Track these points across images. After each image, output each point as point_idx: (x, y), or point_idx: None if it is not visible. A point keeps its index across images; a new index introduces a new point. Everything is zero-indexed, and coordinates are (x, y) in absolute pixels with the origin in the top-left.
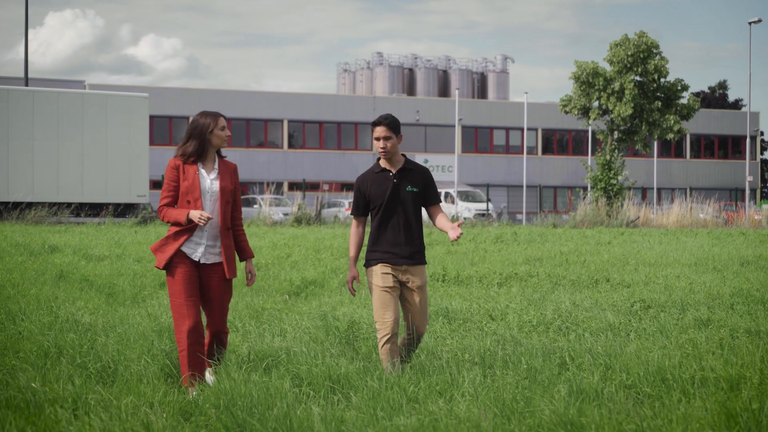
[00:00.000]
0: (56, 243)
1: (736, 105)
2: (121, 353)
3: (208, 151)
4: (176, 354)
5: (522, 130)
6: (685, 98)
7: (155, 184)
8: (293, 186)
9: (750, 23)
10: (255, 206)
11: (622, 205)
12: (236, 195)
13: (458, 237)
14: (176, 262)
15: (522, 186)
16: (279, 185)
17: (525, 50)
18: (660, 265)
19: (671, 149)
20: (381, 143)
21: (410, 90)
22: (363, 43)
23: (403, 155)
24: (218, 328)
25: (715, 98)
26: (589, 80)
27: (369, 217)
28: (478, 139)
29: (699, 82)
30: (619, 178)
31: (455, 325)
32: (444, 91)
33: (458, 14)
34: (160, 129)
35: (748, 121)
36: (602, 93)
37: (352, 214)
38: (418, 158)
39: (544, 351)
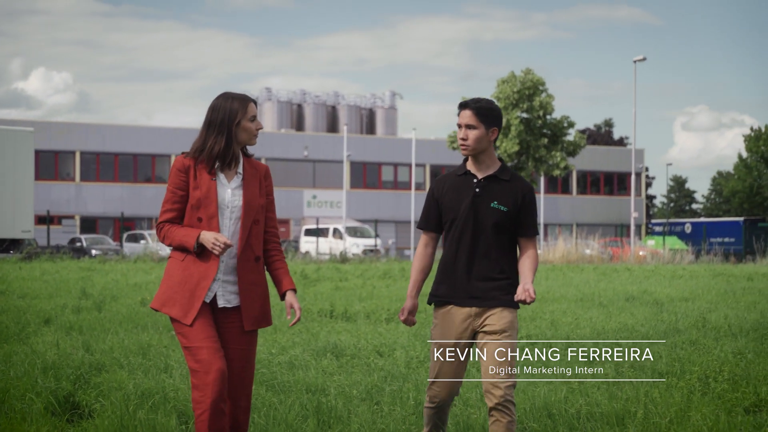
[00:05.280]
0: None
1: (622, 142)
2: (5, 391)
3: (233, 150)
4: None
5: (410, 166)
6: (571, 135)
7: (40, 220)
8: None
9: (635, 61)
10: (142, 241)
11: None
12: (270, 206)
13: (522, 300)
14: None
15: (410, 222)
16: None
17: (414, 87)
18: (546, 300)
19: (558, 185)
20: (462, 132)
21: (299, 125)
22: (253, 79)
23: (500, 159)
24: (235, 403)
25: (601, 135)
26: None
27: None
28: (366, 175)
29: (585, 119)
30: None
31: (343, 361)
32: (333, 126)
33: (348, 50)
34: (46, 164)
35: (633, 158)
36: None
37: (419, 227)
38: (306, 194)
39: None
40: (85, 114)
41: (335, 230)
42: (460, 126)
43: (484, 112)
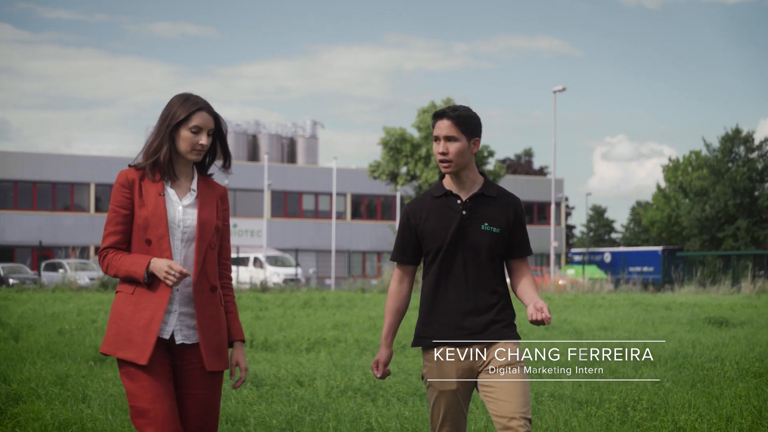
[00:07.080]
0: None
1: (542, 171)
2: None
3: (175, 160)
4: None
5: (331, 195)
6: (491, 164)
7: None
8: None
9: (555, 91)
10: (60, 270)
11: None
12: (225, 235)
13: (540, 320)
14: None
15: (331, 251)
16: (85, 249)
17: (336, 116)
18: None
19: None
20: (441, 146)
21: None
22: None
23: (482, 174)
24: None
25: (521, 165)
26: (397, 146)
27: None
28: (287, 204)
29: (505, 148)
30: None
31: (263, 391)
32: (253, 155)
33: (270, 79)
34: None
35: (553, 188)
36: (410, 159)
37: (393, 259)
38: None
39: (352, 416)
40: (4, 142)
41: (255, 259)
42: (437, 138)
43: (464, 120)
